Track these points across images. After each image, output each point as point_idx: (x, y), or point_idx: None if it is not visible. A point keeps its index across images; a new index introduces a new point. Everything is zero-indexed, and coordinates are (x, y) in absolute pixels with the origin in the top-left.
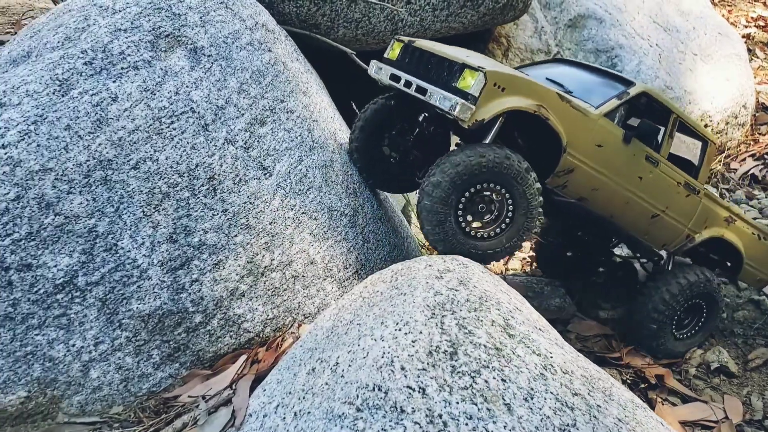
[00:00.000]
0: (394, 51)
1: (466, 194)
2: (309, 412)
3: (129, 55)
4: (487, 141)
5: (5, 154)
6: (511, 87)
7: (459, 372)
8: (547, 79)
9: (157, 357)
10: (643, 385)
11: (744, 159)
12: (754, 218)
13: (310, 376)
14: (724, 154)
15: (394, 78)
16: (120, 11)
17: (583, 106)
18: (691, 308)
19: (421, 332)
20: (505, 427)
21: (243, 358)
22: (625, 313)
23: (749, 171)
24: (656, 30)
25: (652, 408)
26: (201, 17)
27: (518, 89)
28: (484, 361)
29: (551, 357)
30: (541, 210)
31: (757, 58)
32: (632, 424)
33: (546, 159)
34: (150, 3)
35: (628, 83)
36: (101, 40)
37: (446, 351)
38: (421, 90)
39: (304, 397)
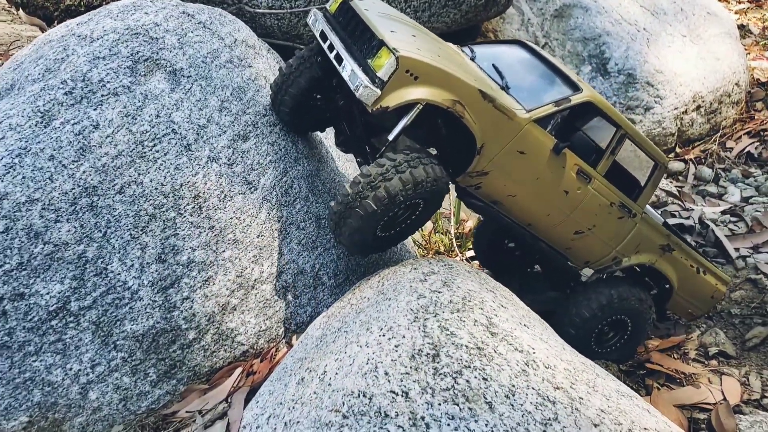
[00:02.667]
0: (333, 5)
1: (402, 205)
2: (298, 422)
3: (108, 82)
4: (391, 136)
5: None
6: (426, 77)
7: (441, 374)
8: (492, 65)
9: (153, 375)
10: (641, 372)
11: (740, 137)
12: (750, 197)
13: (300, 386)
14: (719, 134)
15: (323, 36)
16: (98, 39)
17: (511, 108)
18: (616, 323)
19: (404, 336)
20: (486, 425)
21: (238, 370)
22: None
23: (745, 149)
24: (643, 14)
25: (648, 394)
26: (179, 39)
27: (434, 80)
28: (466, 361)
29: (533, 353)
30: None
31: (752, 34)
32: (615, 414)
33: (462, 155)
34: (127, 29)
35: (576, 88)
36: (80, 70)
37: (428, 354)
38: (338, 58)
39: (293, 407)
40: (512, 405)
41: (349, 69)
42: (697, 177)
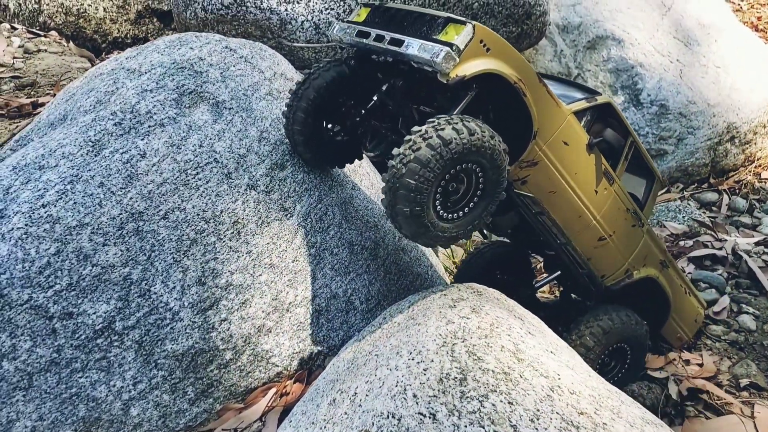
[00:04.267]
0: (360, 16)
1: (448, 175)
2: None
3: (155, 113)
4: (455, 112)
5: (45, 212)
6: (496, 49)
7: (468, 397)
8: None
9: (191, 393)
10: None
11: None
12: None
13: (332, 407)
14: (753, 164)
15: (362, 34)
16: (146, 73)
17: (557, 97)
18: (616, 352)
19: (432, 360)
20: None
21: (272, 391)
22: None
23: None
24: (676, 45)
25: (682, 421)
26: (221, 73)
27: (502, 54)
28: (492, 385)
29: (559, 378)
30: (502, 195)
31: None
32: None
33: (512, 143)
34: (173, 63)
35: (595, 92)
36: (129, 101)
37: (456, 378)
38: (396, 42)
39: (324, 427)
40: (536, 429)
41: (416, 45)
42: (731, 208)
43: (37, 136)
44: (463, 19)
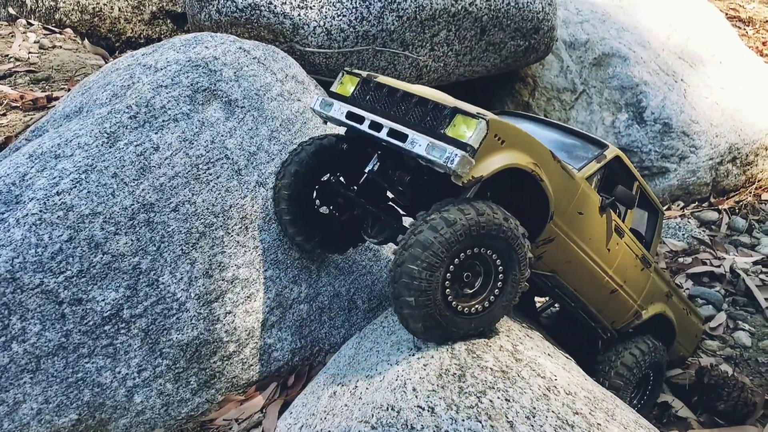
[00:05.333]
0: (344, 86)
1: (457, 260)
2: (329, 431)
3: (169, 108)
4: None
5: (60, 200)
6: (510, 139)
7: (466, 392)
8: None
9: (194, 383)
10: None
11: None
12: None
13: (332, 399)
14: (754, 185)
15: (354, 117)
16: (162, 69)
17: (569, 167)
18: (642, 380)
19: (432, 356)
20: None
21: (273, 385)
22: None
23: None
24: (682, 65)
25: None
26: (235, 72)
27: (517, 143)
28: (490, 382)
29: (555, 379)
30: (526, 286)
31: None
32: None
33: (528, 225)
34: (188, 61)
35: (601, 145)
36: (144, 96)
37: (455, 374)
38: (398, 135)
39: (325, 418)
40: (532, 425)
41: (423, 142)
42: (731, 227)
43: (52, 127)
44: (473, 110)
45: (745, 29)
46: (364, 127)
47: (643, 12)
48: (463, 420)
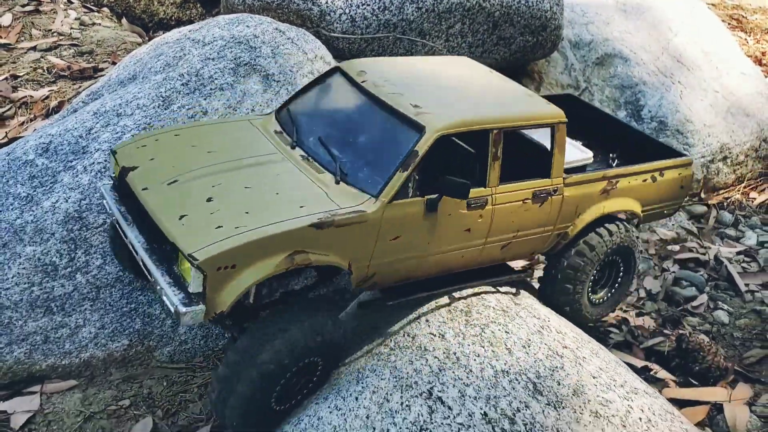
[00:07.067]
0: (116, 167)
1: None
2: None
3: (216, 78)
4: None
5: None
6: (244, 258)
7: (471, 324)
8: (319, 140)
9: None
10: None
11: (764, 189)
12: (766, 242)
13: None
14: (743, 184)
15: (117, 223)
16: (209, 44)
17: (356, 211)
18: (608, 265)
19: (443, 298)
20: (505, 364)
21: None
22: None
23: (767, 200)
24: (680, 68)
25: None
26: (272, 50)
27: (254, 256)
28: (492, 317)
29: (549, 321)
30: None
31: None
32: (611, 373)
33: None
34: (232, 38)
35: (418, 127)
36: (195, 66)
37: (462, 310)
38: (148, 270)
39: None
40: (527, 353)
41: (162, 288)
42: (718, 220)
43: (107, 92)
44: (190, 251)
45: (745, 38)
46: (128, 242)
47: (645, 17)
48: (469, 345)
